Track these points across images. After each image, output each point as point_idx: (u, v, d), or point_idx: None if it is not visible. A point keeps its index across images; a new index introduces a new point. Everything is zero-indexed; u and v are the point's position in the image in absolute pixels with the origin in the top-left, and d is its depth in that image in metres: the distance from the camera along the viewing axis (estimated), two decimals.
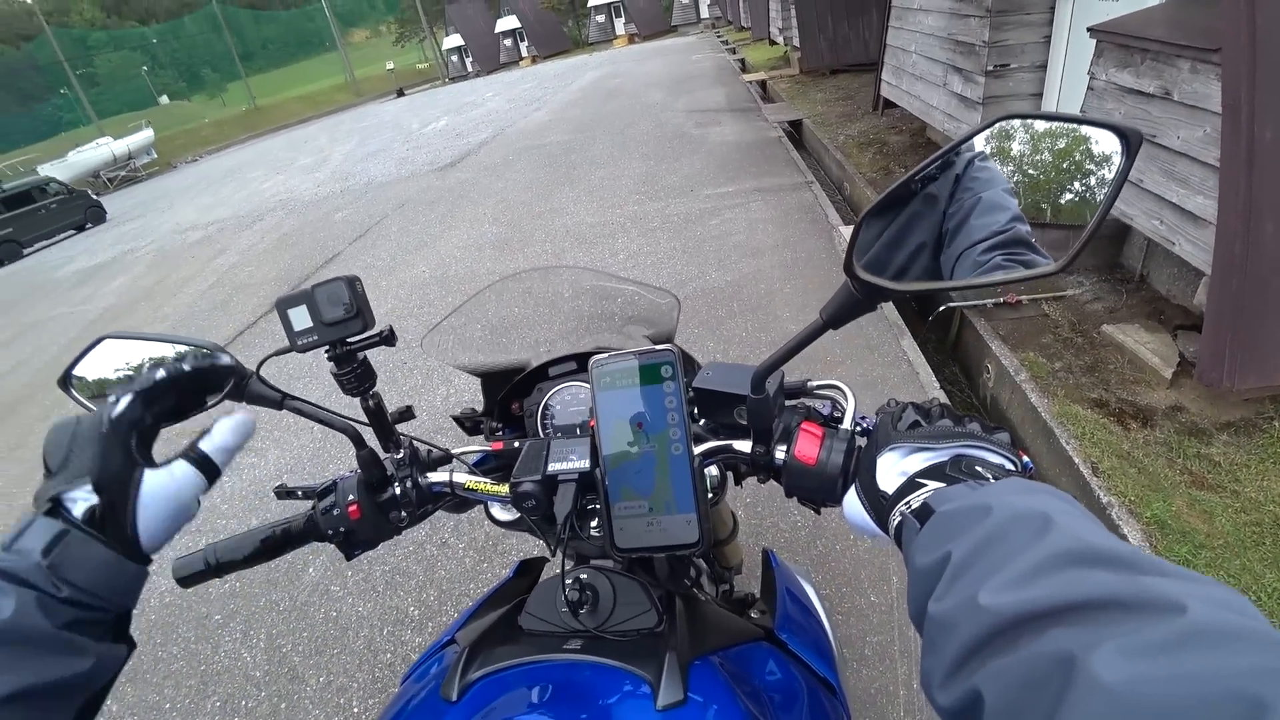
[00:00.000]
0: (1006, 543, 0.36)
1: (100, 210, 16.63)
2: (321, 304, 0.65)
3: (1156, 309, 2.99)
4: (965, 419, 0.53)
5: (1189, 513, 2.07)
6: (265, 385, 0.68)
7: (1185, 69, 2.41)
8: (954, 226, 0.52)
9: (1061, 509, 0.38)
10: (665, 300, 0.98)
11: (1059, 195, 0.48)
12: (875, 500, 0.52)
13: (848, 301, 0.51)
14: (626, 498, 0.62)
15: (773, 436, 0.62)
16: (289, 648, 2.17)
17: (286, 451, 3.34)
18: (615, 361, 0.62)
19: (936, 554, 0.39)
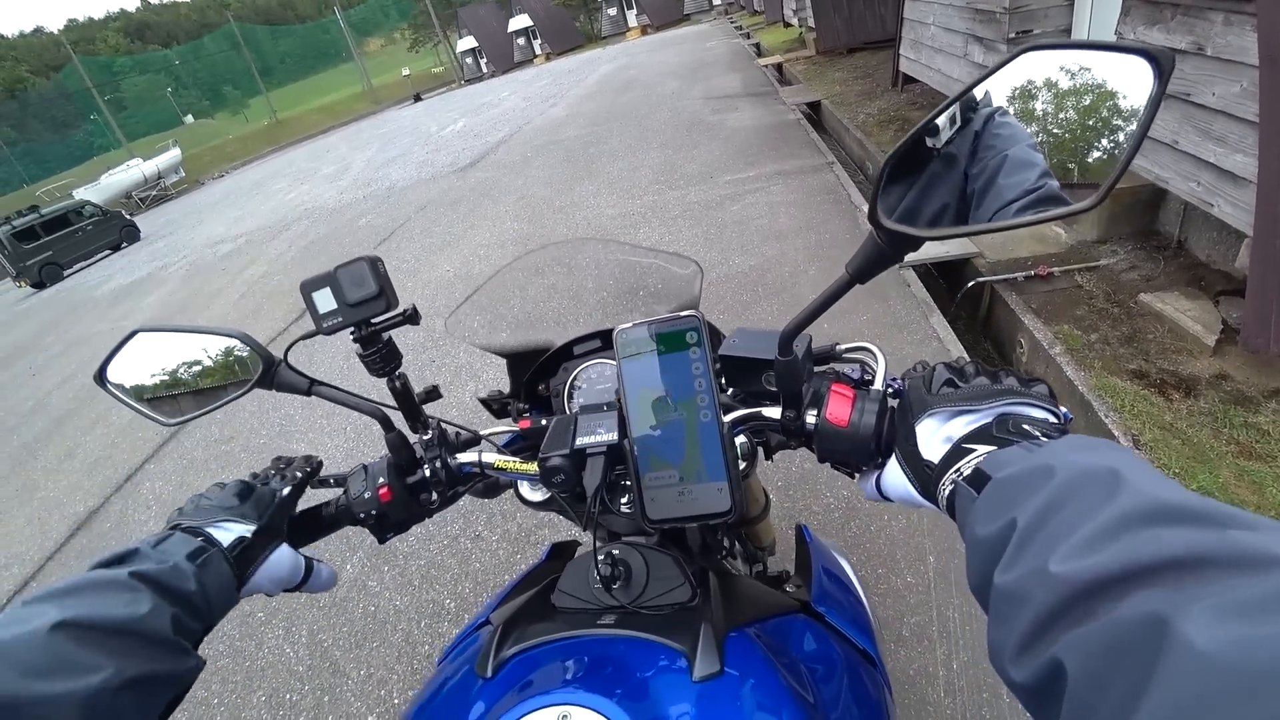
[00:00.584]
0: (1075, 504, 0.34)
1: (134, 229, 17.13)
2: (345, 285, 0.66)
3: (1196, 275, 2.89)
4: (1000, 374, 0.51)
5: (1237, 484, 1.99)
6: (294, 372, 0.69)
7: (1219, 22, 2.31)
8: (980, 187, 0.49)
9: (1129, 463, 0.35)
10: (687, 269, 0.97)
11: (1087, 136, 0.45)
12: (919, 470, 0.50)
13: (874, 253, 0.50)
14: (656, 467, 0.61)
15: (803, 401, 0.61)
16: (330, 642, 2.21)
17: (320, 450, 3.41)
18: (639, 329, 0.61)
19: (999, 522, 0.37)
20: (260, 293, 6.70)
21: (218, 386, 0.72)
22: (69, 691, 0.42)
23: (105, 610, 0.47)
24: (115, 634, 0.47)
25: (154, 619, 0.49)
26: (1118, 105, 0.43)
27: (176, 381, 0.73)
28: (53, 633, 0.44)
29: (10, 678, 0.41)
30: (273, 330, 5.46)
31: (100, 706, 0.43)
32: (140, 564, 0.53)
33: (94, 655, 0.45)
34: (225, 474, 3.48)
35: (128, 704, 0.46)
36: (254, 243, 9.41)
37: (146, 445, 4.13)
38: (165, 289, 8.77)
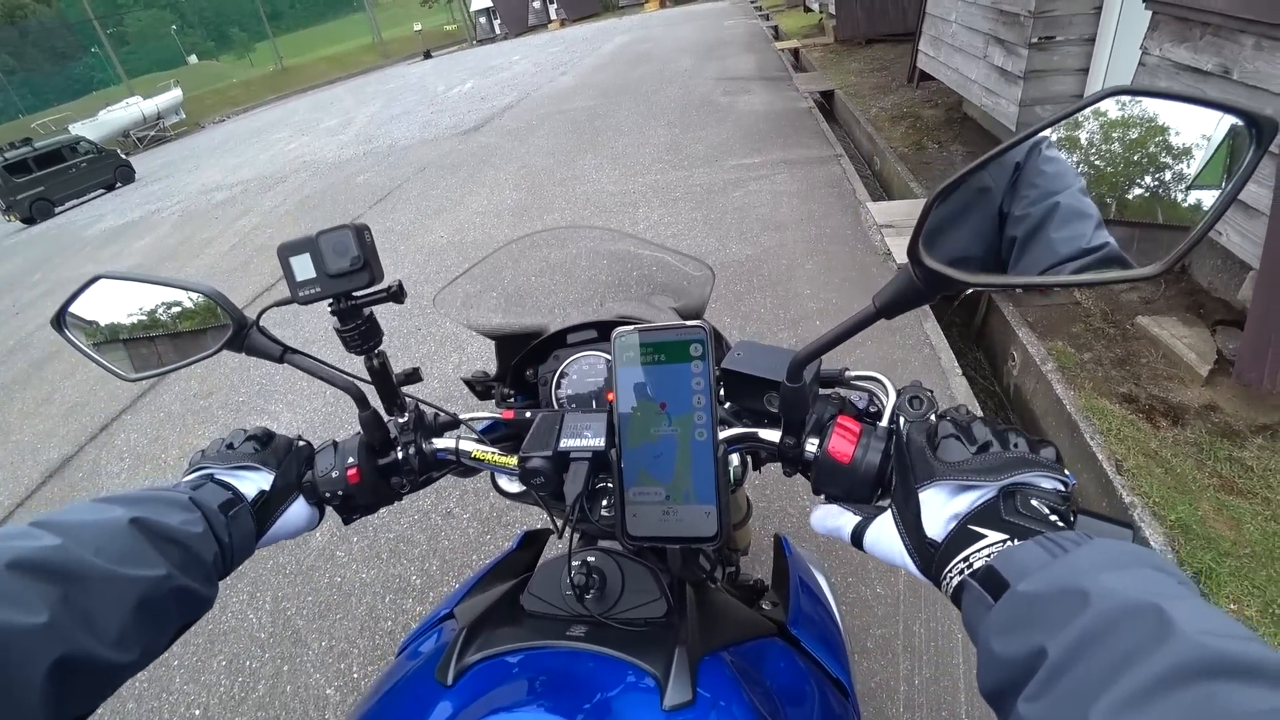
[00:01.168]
0: (1116, 645, 0.31)
1: (129, 170, 16.79)
2: (326, 253, 0.62)
3: (1196, 301, 2.85)
4: (1008, 434, 0.47)
5: (1215, 518, 1.98)
6: (266, 337, 0.66)
7: (1249, 45, 2.25)
8: (1025, 234, 0.45)
9: (1174, 595, 0.32)
10: (699, 272, 0.92)
11: (1144, 188, 0.41)
12: (920, 544, 0.47)
13: (906, 290, 0.45)
14: (642, 483, 0.57)
15: (805, 428, 0.58)
16: (293, 611, 2.20)
17: (299, 414, 3.37)
18: (640, 334, 0.57)
19: (1024, 645, 0.34)
20: (251, 245, 6.59)
21: (184, 344, 0.68)
22: (135, 577, 0.48)
23: (169, 519, 0.53)
24: (173, 543, 0.53)
25: (203, 542, 0.55)
26: (1195, 163, 0.39)
27: (140, 335, 0.69)
28: (130, 526, 0.50)
29: (88, 553, 0.46)
30: (259, 286, 5.37)
31: (153, 599, 0.49)
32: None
33: (156, 554, 0.51)
34: (202, 430, 3.46)
35: (170, 607, 0.51)
36: (249, 193, 9.25)
37: (124, 395, 4.07)
38: (156, 234, 8.63)
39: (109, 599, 0.46)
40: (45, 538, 0.46)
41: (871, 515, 0.52)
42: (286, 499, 0.67)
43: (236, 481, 0.63)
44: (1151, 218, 0.40)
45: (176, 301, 0.67)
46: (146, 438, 3.57)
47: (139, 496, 0.55)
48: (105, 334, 0.68)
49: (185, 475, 0.65)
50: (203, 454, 0.66)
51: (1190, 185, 0.39)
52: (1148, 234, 0.41)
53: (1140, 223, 0.41)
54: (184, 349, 0.68)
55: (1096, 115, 0.40)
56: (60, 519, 0.48)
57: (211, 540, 0.56)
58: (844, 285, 3.52)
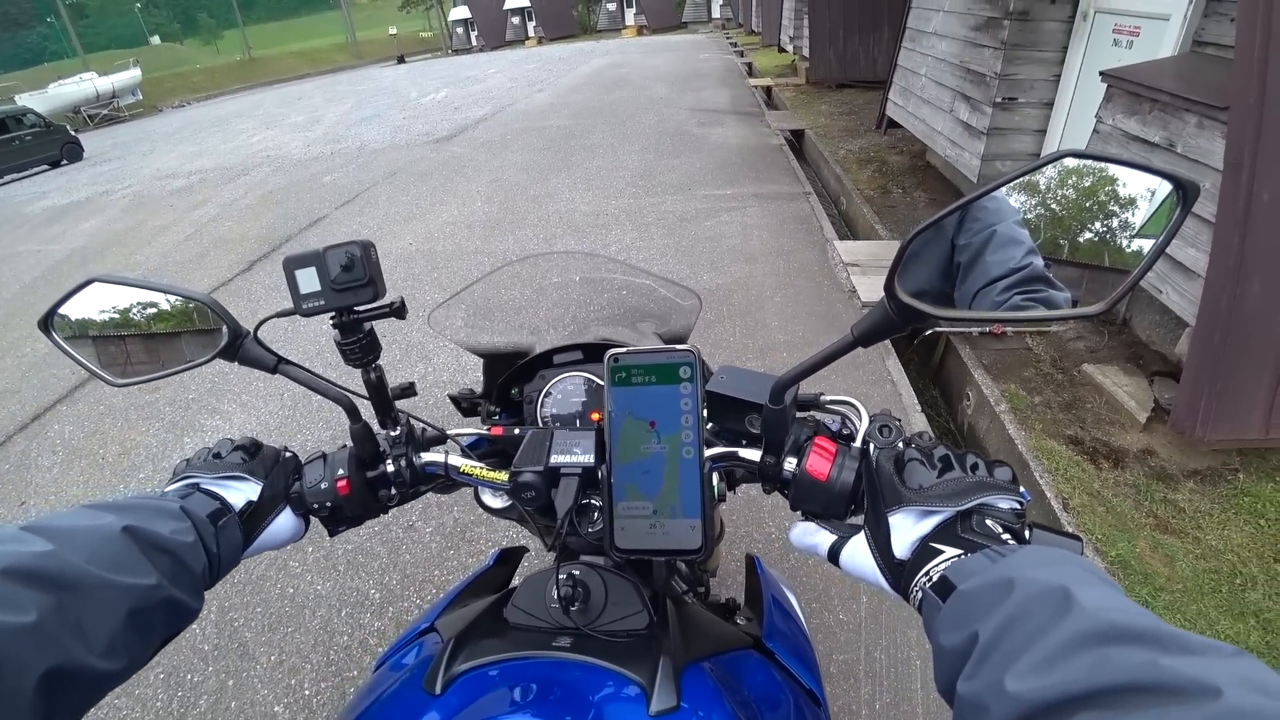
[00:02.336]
0: (1030, 622, 0.35)
1: (77, 147, 16.02)
2: (332, 267, 0.62)
3: (1136, 353, 3.04)
4: (967, 458, 0.53)
5: (1151, 555, 2.10)
6: (261, 347, 0.66)
7: (1192, 123, 2.44)
8: (967, 260, 0.51)
9: (1081, 579, 0.37)
10: (687, 301, 0.96)
11: (1090, 235, 0.47)
12: (891, 564, 0.52)
13: (882, 321, 0.50)
14: (631, 497, 0.60)
15: (783, 448, 0.62)
16: (241, 622, 2.10)
17: (253, 415, 3.25)
18: (633, 357, 0.60)
19: (963, 634, 0.39)
20: (208, 237, 6.36)
21: (176, 352, 0.68)
22: (126, 585, 0.47)
23: (160, 528, 0.53)
24: (164, 552, 0.52)
25: (193, 552, 0.55)
26: (1135, 220, 0.45)
27: (131, 340, 0.68)
28: (123, 534, 0.50)
29: (80, 560, 0.46)
30: (215, 280, 5.19)
31: (142, 609, 0.48)
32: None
33: (146, 564, 0.50)
34: (146, 427, 3.30)
35: (158, 617, 0.51)
36: (208, 182, 8.94)
37: (60, 384, 3.86)
38: (104, 216, 8.23)
39: (100, 608, 0.45)
40: (38, 543, 0.45)
41: (846, 535, 0.57)
42: (274, 510, 0.66)
43: (224, 491, 0.63)
44: (1096, 263, 0.47)
45: (170, 308, 0.67)
46: (84, 431, 3.39)
47: (130, 504, 0.54)
48: (95, 338, 0.67)
49: (170, 484, 0.64)
50: (188, 463, 0.66)
51: (1128, 237, 0.46)
52: (1092, 279, 0.47)
53: (1086, 266, 0.47)
54: (175, 356, 0.68)
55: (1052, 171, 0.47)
56: (52, 524, 0.48)
57: (201, 551, 0.56)
58: (810, 319, 3.62)
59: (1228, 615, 1.90)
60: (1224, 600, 1.94)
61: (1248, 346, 2.19)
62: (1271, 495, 2.25)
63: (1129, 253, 0.45)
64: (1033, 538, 0.47)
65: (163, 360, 0.68)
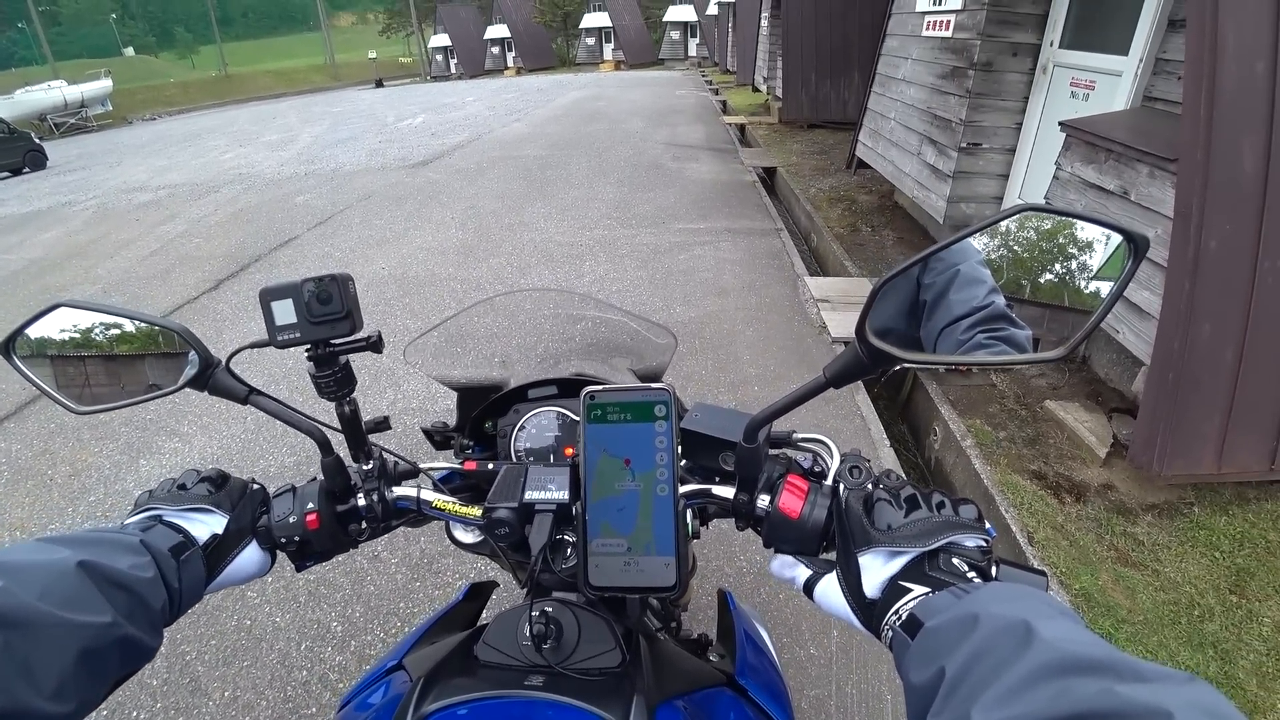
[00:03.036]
0: (993, 656, 0.36)
1: (41, 155, 15.61)
2: (309, 300, 0.62)
3: (1095, 390, 3.14)
4: (933, 496, 0.54)
5: (1114, 588, 2.15)
6: (233, 377, 0.65)
7: (1144, 173, 2.57)
8: (932, 299, 0.53)
9: (1042, 612, 0.39)
10: (663, 339, 0.97)
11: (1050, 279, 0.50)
12: (861, 603, 0.53)
13: (853, 364, 0.52)
14: (606, 535, 0.60)
15: (756, 485, 0.62)
16: (193, 655, 2.01)
17: (214, 439, 3.15)
18: (609, 395, 0.61)
19: (930, 670, 0.40)
20: (174, 253, 6.22)
21: (143, 380, 0.66)
22: (79, 623, 0.45)
23: (118, 563, 0.51)
24: (121, 588, 0.50)
25: (153, 588, 0.53)
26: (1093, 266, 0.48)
27: (98, 366, 0.66)
28: (78, 569, 0.48)
29: (31, 597, 0.44)
30: (179, 299, 5.06)
31: (96, 648, 0.46)
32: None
33: (102, 600, 0.48)
34: (99, 448, 3.18)
35: (113, 656, 0.48)
36: (177, 198, 8.77)
37: (9, 400, 3.69)
38: (65, 227, 8.00)
39: (51, 647, 0.44)
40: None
41: (821, 571, 0.58)
42: (239, 543, 0.65)
43: (187, 524, 0.61)
44: (1056, 305, 0.50)
45: (140, 335, 0.65)
46: (31, 450, 3.24)
47: (86, 538, 0.52)
48: (59, 364, 0.66)
49: (131, 516, 0.62)
50: (150, 494, 0.64)
51: (1086, 281, 0.48)
52: (1052, 320, 0.50)
53: (1047, 308, 0.50)
54: (142, 384, 0.66)
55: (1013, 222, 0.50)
56: (3, 559, 0.46)
57: (161, 586, 0.54)
58: (781, 354, 3.67)
59: (1187, 646, 1.94)
60: (1183, 631, 1.99)
61: (1199, 386, 2.28)
62: (1225, 528, 2.33)
63: (1087, 296, 0.48)
64: (999, 574, 0.49)
65: (130, 388, 0.66)
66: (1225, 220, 2.16)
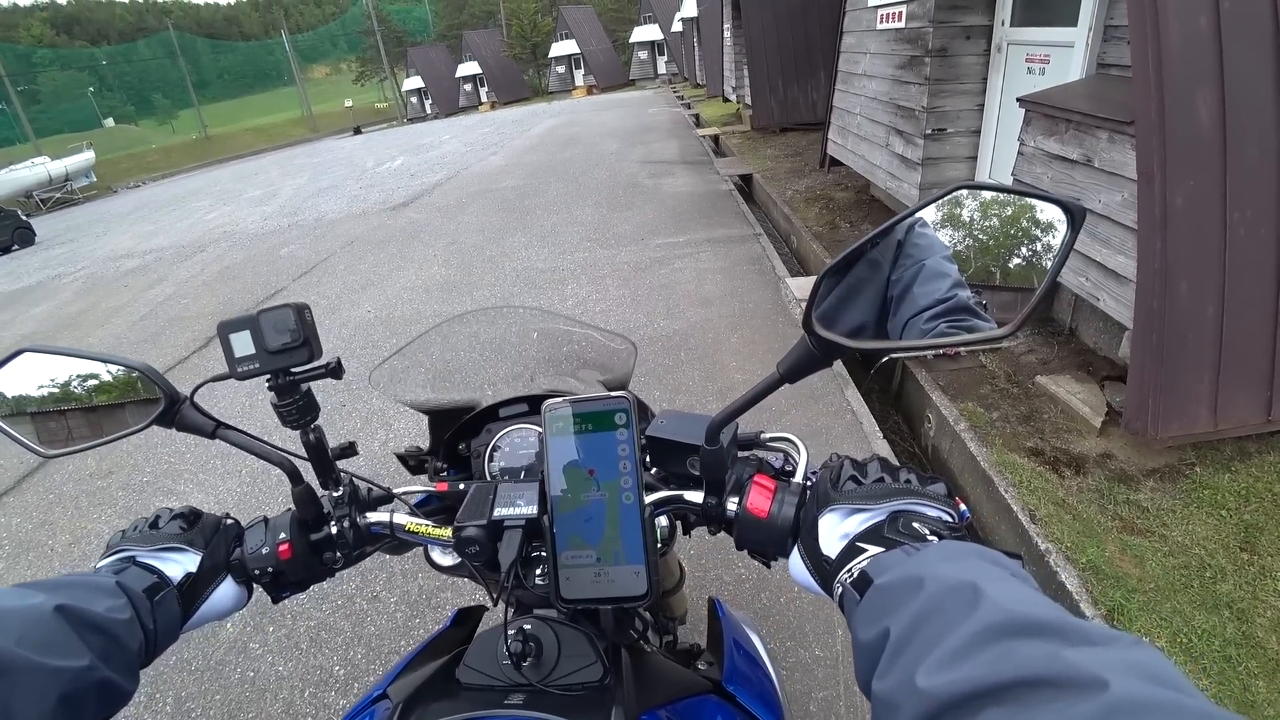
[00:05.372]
0: (940, 618, 0.36)
1: (29, 232, 15.74)
2: (266, 330, 0.62)
3: (1085, 360, 3.14)
4: (901, 471, 0.54)
5: (1121, 558, 2.12)
6: (199, 412, 0.65)
7: (1104, 139, 2.59)
8: (898, 294, 0.53)
9: (990, 574, 0.38)
10: (622, 346, 0.97)
11: (1003, 261, 0.49)
12: (819, 564, 0.52)
13: (805, 357, 0.52)
14: (574, 546, 0.60)
15: (725, 488, 0.62)
16: (199, 712, 1.98)
17: (210, 495, 3.14)
18: (568, 406, 0.61)
19: (876, 629, 0.39)
20: (164, 316, 6.25)
21: (111, 420, 0.66)
22: (57, 668, 0.45)
23: (94, 606, 0.51)
24: (97, 631, 0.50)
25: (129, 630, 0.53)
26: (1031, 241, 0.48)
27: (63, 410, 0.67)
28: (55, 613, 0.48)
29: (9, 642, 0.44)
30: (173, 358, 5.07)
31: (74, 693, 0.46)
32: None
33: (79, 644, 0.48)
34: (98, 514, 3.17)
35: (91, 701, 0.48)
36: (164, 261, 8.84)
37: (7, 475, 3.69)
38: (56, 300, 8.05)
39: (31, 693, 0.43)
40: None
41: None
42: (214, 580, 0.64)
43: (160, 564, 0.61)
44: (1000, 283, 0.49)
45: (104, 376, 0.66)
46: (32, 522, 3.23)
47: (62, 582, 0.52)
48: (24, 409, 0.66)
49: (104, 558, 0.62)
50: (123, 534, 0.64)
51: (1025, 257, 0.48)
52: (1001, 296, 0.49)
53: (991, 288, 0.50)
54: (110, 424, 0.66)
55: (955, 203, 0.50)
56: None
57: (137, 628, 0.54)
58: (768, 356, 3.67)
59: (1202, 609, 1.91)
60: (1196, 595, 1.96)
61: (1184, 343, 2.27)
62: (1229, 485, 2.30)
63: (1027, 276, 0.48)
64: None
65: (97, 429, 0.67)
66: (1188, 176, 2.17)
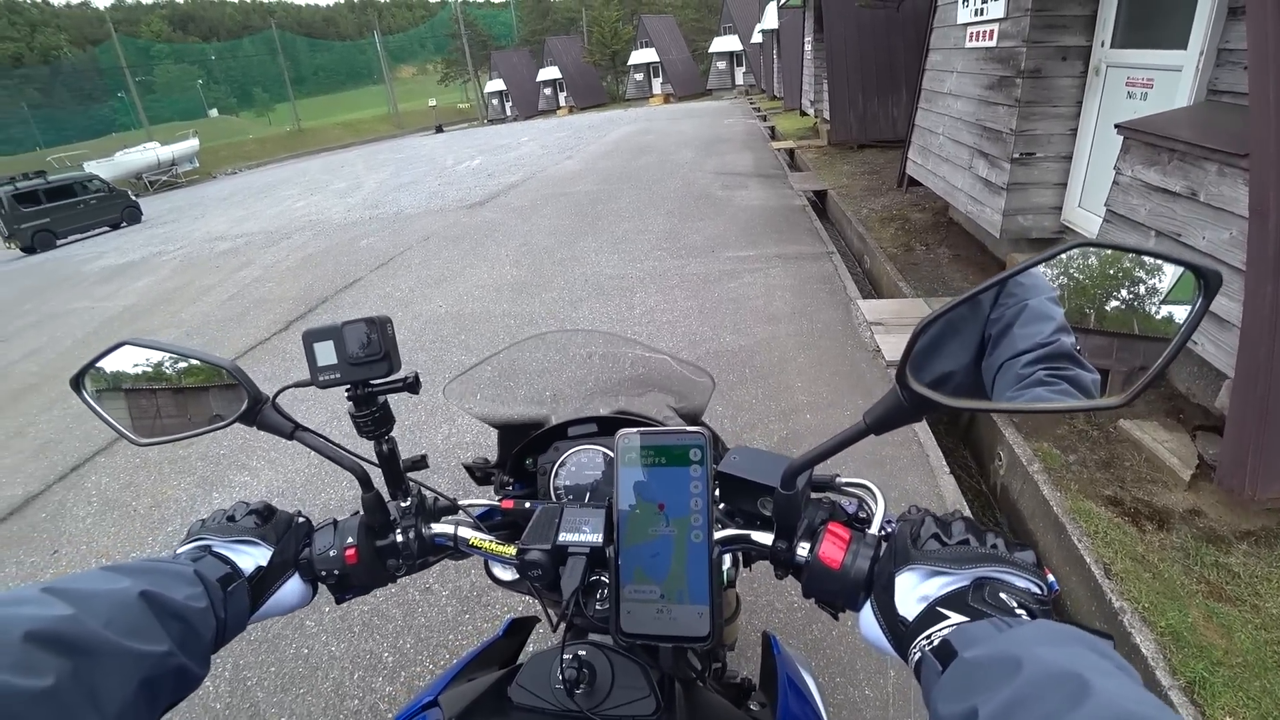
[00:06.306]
0: (1039, 707, 0.33)
1: (136, 211, 17.15)
2: (349, 342, 0.65)
3: (1175, 407, 2.93)
4: (987, 535, 0.51)
5: (1206, 626, 1.96)
6: (279, 414, 0.68)
7: (1212, 171, 2.42)
8: (997, 333, 0.50)
9: (1097, 667, 0.35)
10: (700, 379, 0.96)
11: (1120, 324, 0.46)
12: (893, 624, 0.50)
13: (894, 409, 0.50)
14: (638, 580, 0.59)
15: (796, 532, 0.60)
16: (254, 681, 2.08)
17: (280, 473, 3.30)
18: (643, 437, 0.60)
19: (961, 706, 0.37)
20: (249, 298, 6.63)
21: (199, 414, 0.70)
22: (141, 652, 0.47)
23: (175, 594, 0.53)
24: (177, 618, 0.52)
25: (204, 618, 0.55)
26: (1155, 310, 0.44)
27: (157, 401, 0.70)
28: (139, 599, 0.50)
29: (99, 625, 0.46)
30: (252, 340, 5.37)
31: (154, 677, 0.48)
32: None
33: (160, 630, 0.50)
34: (177, 481, 3.37)
35: (168, 684, 0.50)
36: (253, 245, 9.39)
37: (100, 436, 3.99)
38: (155, 276, 8.68)
39: (115, 675, 0.45)
40: (58, 606, 0.45)
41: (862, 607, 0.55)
42: (282, 575, 0.67)
43: (234, 555, 0.64)
44: (1123, 347, 0.46)
45: (196, 372, 0.69)
46: (118, 483, 3.47)
47: (145, 567, 0.55)
48: (123, 397, 0.70)
49: (182, 545, 0.65)
50: (202, 524, 0.67)
51: (1150, 325, 0.44)
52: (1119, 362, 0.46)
53: (1114, 349, 0.46)
54: (198, 419, 0.70)
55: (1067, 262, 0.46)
56: (72, 587, 0.48)
57: (211, 616, 0.56)
58: (834, 380, 3.57)
59: None
60: None
61: None
62: None
63: (1155, 339, 0.44)
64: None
65: (185, 422, 0.70)
66: None
